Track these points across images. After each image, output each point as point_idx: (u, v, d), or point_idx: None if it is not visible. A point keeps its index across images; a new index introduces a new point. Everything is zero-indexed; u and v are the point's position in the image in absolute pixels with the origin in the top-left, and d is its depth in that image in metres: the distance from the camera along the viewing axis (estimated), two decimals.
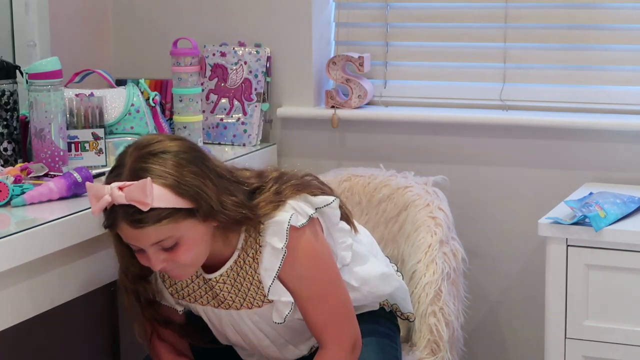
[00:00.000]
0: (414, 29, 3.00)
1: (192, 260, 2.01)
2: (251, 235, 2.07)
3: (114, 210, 1.95)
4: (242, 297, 2.11)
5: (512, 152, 2.87)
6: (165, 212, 1.94)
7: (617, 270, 2.40)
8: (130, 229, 1.95)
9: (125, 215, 1.94)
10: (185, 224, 1.96)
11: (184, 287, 2.16)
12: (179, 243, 1.97)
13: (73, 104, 2.51)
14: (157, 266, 1.99)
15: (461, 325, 2.56)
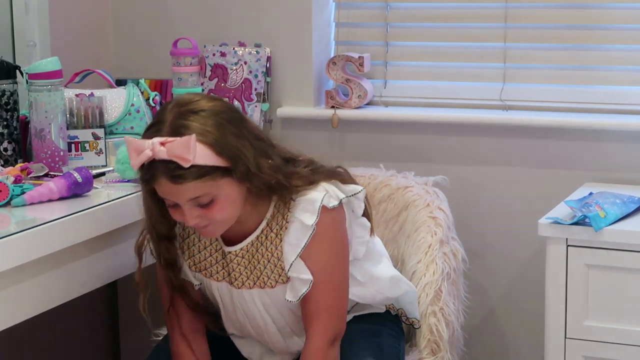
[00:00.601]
0: (414, 29, 3.00)
1: (224, 218, 2.03)
2: (279, 211, 2.10)
3: (154, 165, 1.97)
4: (256, 276, 2.12)
5: (512, 152, 2.87)
6: (204, 169, 1.96)
7: (617, 270, 2.40)
8: (170, 184, 1.97)
9: (166, 171, 1.96)
10: (222, 182, 1.99)
11: (201, 260, 2.17)
12: (215, 200, 1.99)
13: (73, 104, 2.51)
14: (191, 222, 2.01)
15: (461, 325, 2.56)
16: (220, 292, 2.19)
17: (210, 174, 1.97)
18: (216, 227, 2.05)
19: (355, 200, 2.15)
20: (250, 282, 2.14)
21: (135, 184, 2.37)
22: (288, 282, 2.11)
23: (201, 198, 1.98)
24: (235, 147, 1.99)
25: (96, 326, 3.26)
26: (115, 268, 2.33)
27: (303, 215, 2.07)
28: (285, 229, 2.09)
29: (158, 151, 1.95)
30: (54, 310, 2.17)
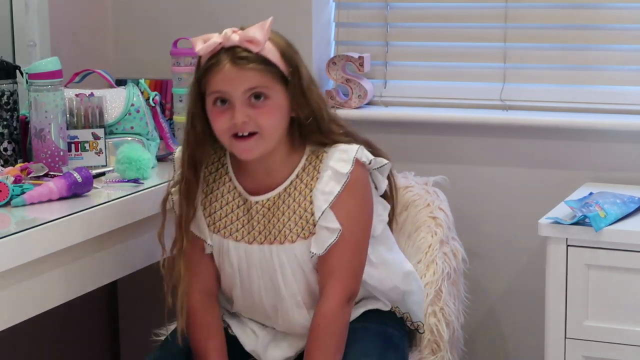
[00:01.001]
0: (414, 29, 3.00)
1: (269, 128, 2.08)
2: (311, 163, 2.15)
3: (219, 53, 2.06)
4: (278, 229, 2.15)
5: (512, 152, 2.87)
6: (268, 61, 2.06)
7: (617, 270, 2.40)
8: (233, 68, 2.04)
9: (232, 55, 2.05)
10: (278, 87, 2.08)
11: (222, 217, 2.19)
12: (267, 100, 2.07)
13: (73, 104, 2.51)
14: (240, 118, 2.05)
15: (461, 325, 2.56)
16: (237, 254, 2.19)
17: (271, 68, 2.06)
18: (256, 142, 2.08)
19: (379, 174, 2.20)
20: (271, 236, 2.15)
21: (135, 184, 2.37)
22: (309, 237, 2.13)
23: (258, 89, 2.05)
24: (296, 61, 2.11)
25: (96, 326, 3.26)
26: (115, 268, 2.33)
27: (338, 164, 2.13)
28: (316, 179, 2.13)
29: (230, 37, 2.05)
30: (54, 310, 2.17)
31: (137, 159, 2.41)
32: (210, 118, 2.10)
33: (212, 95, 2.08)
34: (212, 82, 2.07)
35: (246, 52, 2.05)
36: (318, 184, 2.13)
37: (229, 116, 2.06)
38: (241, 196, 2.18)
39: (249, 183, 2.18)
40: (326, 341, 2.13)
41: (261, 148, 2.10)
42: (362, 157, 2.14)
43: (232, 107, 2.06)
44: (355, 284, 2.17)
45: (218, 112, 2.08)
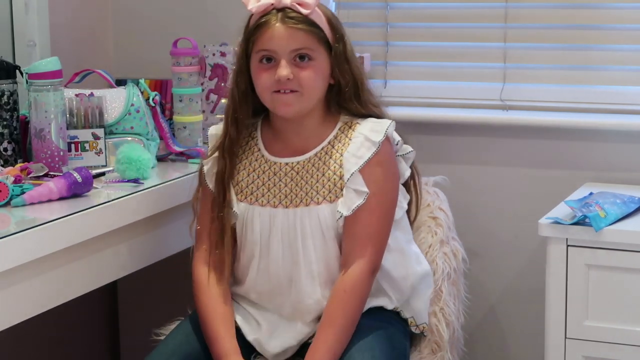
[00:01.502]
0: (414, 29, 3.00)
1: (309, 87, 2.16)
2: (343, 132, 2.23)
3: (270, 13, 2.16)
4: (305, 192, 2.20)
5: (512, 152, 2.87)
6: (315, 24, 2.16)
7: (617, 270, 2.40)
8: (282, 27, 2.14)
9: (283, 14, 2.14)
10: (322, 51, 2.18)
11: (249, 183, 2.25)
12: (311, 61, 2.16)
13: (73, 104, 2.51)
14: (284, 73, 2.14)
15: (461, 325, 2.56)
16: (260, 220, 2.22)
17: (318, 31, 2.16)
18: (296, 98, 2.16)
19: (402, 160, 2.30)
20: (297, 199, 2.21)
21: (135, 184, 2.37)
22: (335, 201, 2.19)
23: (304, 50, 2.15)
24: (342, 30, 2.22)
25: (96, 326, 3.26)
26: (115, 268, 2.33)
27: (370, 133, 2.21)
28: (347, 145, 2.21)
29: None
30: (54, 310, 2.17)
31: (137, 159, 2.41)
32: (255, 75, 2.19)
33: (260, 52, 2.17)
34: (260, 40, 2.16)
35: (296, 13, 2.15)
36: (349, 148, 2.20)
37: (273, 73, 2.15)
38: (268, 162, 2.25)
39: (279, 149, 2.26)
40: (350, 304, 2.16)
41: (300, 105, 2.18)
42: (393, 134, 2.24)
43: (277, 65, 2.15)
44: (378, 257, 2.21)
45: (263, 69, 2.17)
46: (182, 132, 2.75)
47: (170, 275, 3.13)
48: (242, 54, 2.21)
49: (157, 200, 2.38)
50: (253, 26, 2.18)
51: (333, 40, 2.20)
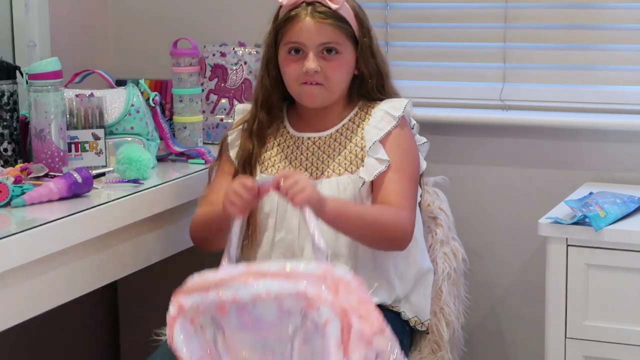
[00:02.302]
0: (414, 29, 3.00)
1: (334, 80, 2.25)
2: (362, 110, 2.33)
3: (300, 6, 2.24)
4: (326, 164, 2.28)
5: (512, 152, 2.87)
6: (343, 19, 2.24)
7: (617, 270, 2.40)
8: (312, 21, 2.23)
9: (313, 8, 2.23)
10: (348, 45, 2.27)
11: (272, 156, 2.32)
12: (337, 55, 2.25)
13: (73, 104, 2.51)
14: (312, 66, 2.22)
15: (461, 325, 2.56)
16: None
17: (346, 26, 2.25)
18: (321, 90, 2.25)
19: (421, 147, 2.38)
20: (317, 171, 2.28)
21: (135, 184, 2.37)
22: (356, 172, 2.25)
23: (330, 44, 2.23)
24: (368, 24, 2.31)
25: (96, 326, 3.26)
26: (115, 268, 2.33)
27: (390, 109, 2.29)
28: (368, 120, 2.30)
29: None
30: (54, 310, 2.17)
31: (137, 159, 2.41)
32: (283, 65, 2.28)
33: (288, 45, 2.25)
34: (289, 32, 2.25)
35: (325, 8, 2.23)
36: (370, 121, 2.29)
37: (301, 65, 2.24)
38: (293, 137, 2.32)
39: (301, 126, 2.34)
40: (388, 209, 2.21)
41: (325, 97, 2.27)
42: (410, 114, 2.32)
43: (305, 57, 2.24)
44: (414, 216, 2.26)
45: (291, 60, 2.26)
46: (182, 133, 2.75)
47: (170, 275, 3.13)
48: (271, 43, 2.30)
49: (157, 201, 2.38)
50: (283, 18, 2.26)
51: (360, 34, 2.28)
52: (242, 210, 2.09)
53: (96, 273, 2.27)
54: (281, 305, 1.88)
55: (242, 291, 1.90)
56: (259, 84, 2.35)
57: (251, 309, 1.90)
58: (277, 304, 1.88)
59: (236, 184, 2.10)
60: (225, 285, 1.91)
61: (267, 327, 1.91)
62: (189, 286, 1.97)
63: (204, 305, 1.93)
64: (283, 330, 1.90)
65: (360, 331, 1.86)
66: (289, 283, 1.87)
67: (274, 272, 1.89)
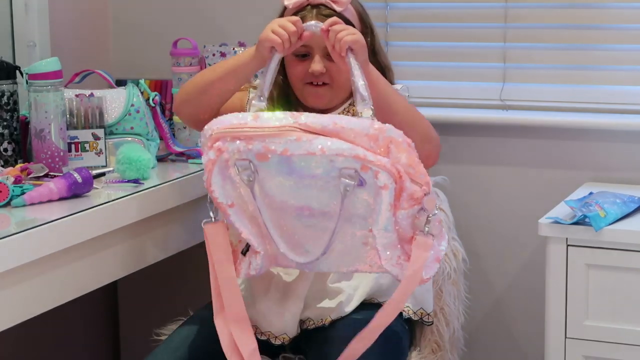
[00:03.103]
0: (414, 29, 3.01)
1: (340, 81, 2.28)
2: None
3: (305, 9, 2.26)
4: None
5: (512, 152, 2.87)
6: (348, 21, 2.24)
7: (617, 270, 2.40)
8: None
9: (318, 11, 2.25)
10: None
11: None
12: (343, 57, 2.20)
13: (73, 104, 2.51)
14: (318, 68, 2.26)
15: (461, 325, 2.56)
16: None
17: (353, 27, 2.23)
18: (326, 91, 2.29)
19: None
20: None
21: (135, 184, 2.37)
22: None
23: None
24: (371, 23, 2.34)
25: (96, 326, 3.26)
26: (115, 268, 2.33)
27: None
28: None
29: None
30: (54, 310, 2.17)
31: (137, 159, 2.41)
32: (289, 65, 2.31)
33: (297, 48, 2.23)
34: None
35: (329, 10, 2.25)
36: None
37: (307, 65, 2.28)
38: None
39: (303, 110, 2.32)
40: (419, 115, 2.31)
41: (330, 97, 2.31)
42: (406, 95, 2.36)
43: (311, 58, 2.27)
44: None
45: (297, 61, 2.29)
46: (182, 133, 2.75)
47: (170, 275, 3.14)
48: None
49: (157, 201, 2.38)
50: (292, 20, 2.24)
51: (362, 33, 2.27)
52: (283, 44, 2.15)
53: (96, 273, 2.27)
54: (333, 163, 1.97)
55: (294, 146, 1.97)
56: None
57: (296, 161, 1.98)
58: (329, 160, 1.97)
59: (282, 19, 2.18)
60: (272, 137, 1.98)
61: (311, 179, 2.00)
62: (225, 129, 2.02)
63: (245, 152, 2.00)
64: (330, 185, 1.99)
65: (411, 192, 1.98)
66: (346, 144, 1.96)
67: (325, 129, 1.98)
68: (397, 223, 2.01)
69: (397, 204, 2.00)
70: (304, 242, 2.07)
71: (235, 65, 2.30)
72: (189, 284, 3.03)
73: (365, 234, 2.04)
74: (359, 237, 2.05)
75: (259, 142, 1.99)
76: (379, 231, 2.01)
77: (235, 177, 2.03)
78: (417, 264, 2.00)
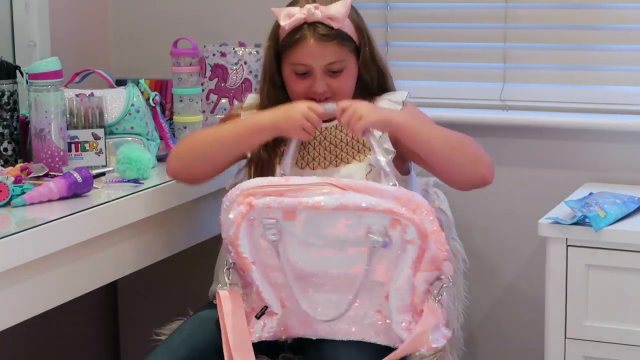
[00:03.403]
0: (414, 29, 3.00)
1: (342, 93, 2.27)
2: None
3: (302, 28, 2.24)
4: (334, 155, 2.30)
5: (512, 152, 2.87)
6: (346, 36, 2.26)
7: (617, 270, 2.40)
8: (315, 44, 2.23)
9: (314, 32, 2.23)
10: (352, 57, 2.29)
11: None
12: (343, 70, 2.27)
13: (73, 104, 2.51)
14: (320, 88, 2.25)
15: (461, 325, 2.56)
16: None
17: (348, 42, 2.26)
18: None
19: None
20: (325, 161, 2.31)
21: (135, 184, 2.37)
22: (364, 160, 2.28)
23: (336, 64, 2.25)
24: (365, 29, 2.32)
25: (96, 326, 3.26)
26: (115, 268, 2.33)
27: (392, 99, 2.32)
28: None
29: (312, 13, 2.22)
30: (54, 310, 2.17)
31: (137, 159, 2.41)
32: (289, 81, 2.29)
33: (295, 65, 2.26)
34: (294, 54, 2.25)
35: (327, 28, 2.23)
36: None
37: (308, 83, 2.26)
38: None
39: None
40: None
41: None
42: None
43: (311, 76, 2.26)
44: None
45: (297, 78, 2.28)
46: (182, 133, 2.75)
47: (170, 275, 3.14)
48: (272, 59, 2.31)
49: (157, 200, 2.38)
50: (287, 41, 2.25)
51: (359, 43, 2.30)
52: (310, 134, 2.17)
53: (96, 273, 2.27)
54: (361, 218, 2.05)
55: (326, 199, 2.05)
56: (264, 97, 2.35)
57: (324, 219, 2.06)
58: (358, 216, 2.05)
59: (307, 110, 2.17)
60: (304, 192, 2.06)
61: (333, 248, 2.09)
62: (256, 187, 2.09)
63: (275, 209, 2.07)
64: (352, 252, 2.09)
65: (434, 255, 2.07)
66: (376, 199, 2.05)
67: (355, 186, 2.06)
68: (414, 287, 2.09)
69: (417, 266, 2.09)
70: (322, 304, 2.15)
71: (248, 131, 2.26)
72: (189, 284, 3.03)
73: (380, 303, 2.13)
74: (374, 305, 2.14)
75: (290, 196, 2.07)
76: (395, 291, 2.10)
77: (258, 239, 2.11)
78: (426, 325, 2.09)
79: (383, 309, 2.14)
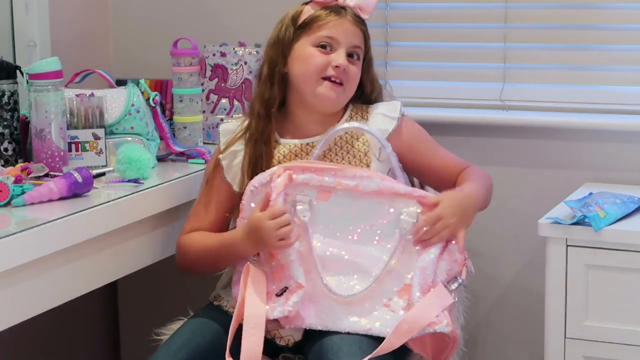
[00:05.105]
0: (414, 29, 3.00)
1: (352, 82, 2.31)
2: (357, 113, 2.37)
3: (335, 7, 2.30)
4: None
5: (512, 152, 2.87)
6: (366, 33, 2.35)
7: (617, 270, 2.40)
8: (350, 24, 2.30)
9: (353, 14, 2.31)
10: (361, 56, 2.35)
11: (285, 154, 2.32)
12: (357, 60, 2.32)
13: (73, 104, 2.51)
14: (343, 60, 2.27)
15: (461, 325, 2.56)
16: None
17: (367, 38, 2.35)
18: (341, 92, 2.29)
19: None
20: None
21: (135, 184, 2.37)
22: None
23: (357, 49, 2.31)
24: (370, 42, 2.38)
25: (96, 326, 3.26)
26: (115, 268, 2.33)
27: (387, 112, 2.36)
28: (365, 120, 2.35)
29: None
30: (54, 310, 2.17)
31: (137, 159, 2.41)
32: (307, 57, 2.28)
33: (322, 38, 2.29)
34: (325, 27, 2.29)
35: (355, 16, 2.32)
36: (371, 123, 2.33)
37: (328, 58, 2.27)
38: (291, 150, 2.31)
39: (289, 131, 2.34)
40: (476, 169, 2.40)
41: (339, 99, 2.31)
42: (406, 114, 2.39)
43: (333, 52, 2.29)
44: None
45: (319, 51, 2.29)
46: (182, 132, 2.75)
47: (170, 275, 3.13)
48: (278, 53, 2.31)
49: (157, 200, 2.38)
50: (323, 13, 2.30)
51: (366, 50, 2.36)
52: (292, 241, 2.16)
53: (96, 273, 2.27)
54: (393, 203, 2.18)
55: (365, 183, 2.17)
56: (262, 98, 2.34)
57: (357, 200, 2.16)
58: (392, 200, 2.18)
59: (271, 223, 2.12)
60: (344, 171, 2.16)
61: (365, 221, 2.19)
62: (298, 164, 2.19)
63: (312, 187, 2.17)
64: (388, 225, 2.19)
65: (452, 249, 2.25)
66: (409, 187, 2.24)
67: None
68: (436, 274, 2.18)
69: (440, 255, 2.21)
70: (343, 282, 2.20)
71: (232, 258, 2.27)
72: (189, 284, 3.03)
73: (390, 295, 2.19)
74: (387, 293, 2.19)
75: (331, 175, 2.17)
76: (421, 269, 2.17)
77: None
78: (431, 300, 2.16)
79: (392, 303, 2.18)
